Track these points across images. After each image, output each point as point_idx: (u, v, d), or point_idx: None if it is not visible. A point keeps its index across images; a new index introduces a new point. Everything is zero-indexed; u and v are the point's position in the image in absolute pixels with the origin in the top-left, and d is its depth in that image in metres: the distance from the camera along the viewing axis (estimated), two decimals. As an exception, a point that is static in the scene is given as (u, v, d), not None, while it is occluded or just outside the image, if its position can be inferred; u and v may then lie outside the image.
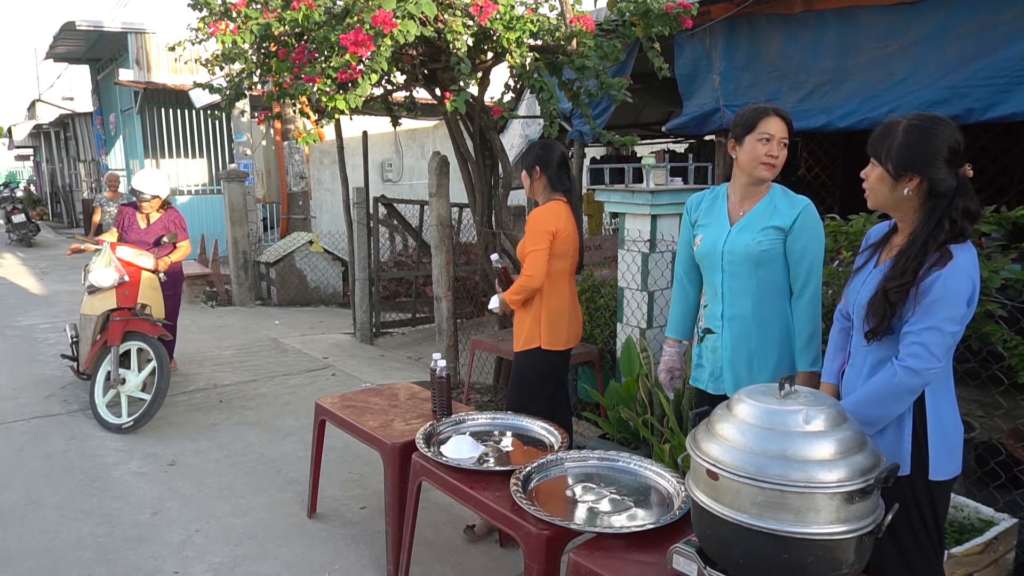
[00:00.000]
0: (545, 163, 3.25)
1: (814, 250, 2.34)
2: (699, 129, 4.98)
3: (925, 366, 1.73)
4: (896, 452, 1.82)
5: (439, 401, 2.90)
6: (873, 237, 2.00)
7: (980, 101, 3.54)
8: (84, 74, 17.39)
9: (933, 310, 1.72)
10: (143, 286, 4.86)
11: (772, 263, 2.36)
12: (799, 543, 1.45)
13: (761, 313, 2.39)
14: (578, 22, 4.07)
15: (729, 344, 2.45)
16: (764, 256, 2.34)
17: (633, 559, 1.82)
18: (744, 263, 2.37)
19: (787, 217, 2.33)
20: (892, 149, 1.77)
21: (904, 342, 1.75)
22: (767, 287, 2.38)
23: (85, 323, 4.78)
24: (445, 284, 5.51)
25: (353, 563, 3.03)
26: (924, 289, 1.72)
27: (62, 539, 3.23)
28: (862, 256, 1.98)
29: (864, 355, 1.90)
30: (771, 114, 2.31)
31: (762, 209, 2.38)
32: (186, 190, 13.37)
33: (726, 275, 2.43)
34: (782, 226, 2.33)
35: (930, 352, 1.72)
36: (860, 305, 1.86)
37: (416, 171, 13.51)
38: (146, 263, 4.95)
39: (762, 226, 2.35)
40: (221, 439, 4.42)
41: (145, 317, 4.72)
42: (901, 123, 1.79)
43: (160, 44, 12.56)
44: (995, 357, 2.97)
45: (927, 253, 1.73)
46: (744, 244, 2.36)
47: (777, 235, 2.34)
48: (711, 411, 1.69)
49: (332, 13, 3.94)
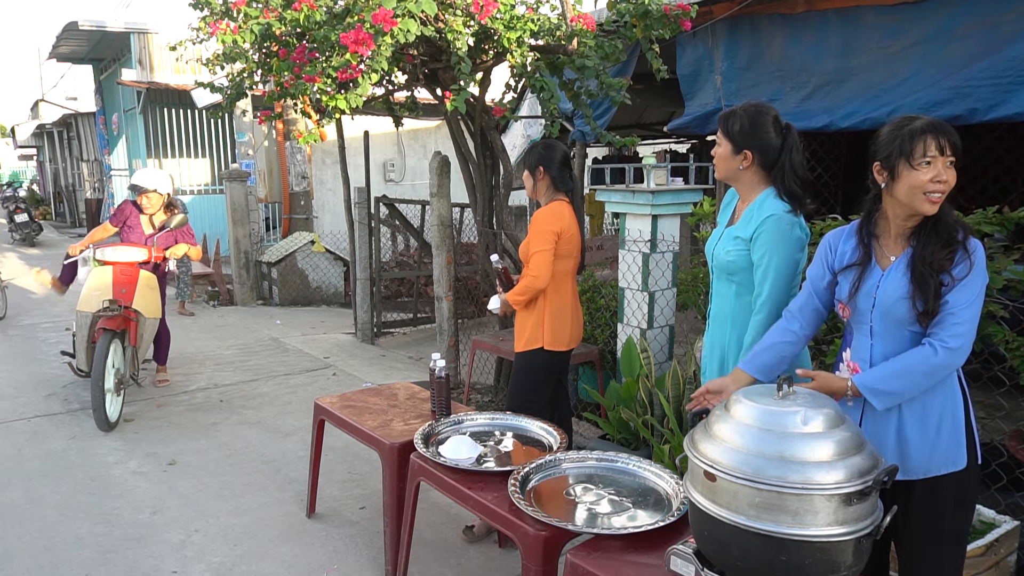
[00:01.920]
0: (548, 163, 3.24)
1: (768, 261, 2.20)
2: (701, 129, 4.97)
3: (964, 345, 1.78)
4: (958, 448, 1.85)
5: (438, 401, 2.89)
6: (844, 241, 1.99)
7: (983, 101, 3.52)
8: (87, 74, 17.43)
9: (968, 292, 1.77)
10: (140, 285, 4.75)
11: (742, 272, 2.31)
12: (797, 545, 1.44)
13: (736, 317, 2.36)
14: (579, 21, 4.06)
15: (707, 343, 2.48)
16: (732, 266, 2.31)
17: (631, 560, 1.81)
18: (720, 269, 2.39)
19: (751, 227, 2.25)
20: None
21: (944, 323, 1.77)
22: (743, 292, 2.34)
23: (81, 320, 4.69)
24: (446, 284, 5.51)
25: (352, 563, 3.02)
26: (959, 259, 1.77)
27: (61, 538, 3.22)
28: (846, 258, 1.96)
29: (868, 348, 1.91)
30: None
31: (744, 216, 2.33)
32: (188, 190, 13.39)
33: (714, 277, 2.46)
34: (745, 236, 2.27)
35: (968, 334, 1.77)
36: (890, 299, 1.84)
37: (418, 171, 13.51)
38: (138, 256, 4.81)
39: (734, 235, 2.32)
40: (221, 438, 4.42)
41: (114, 313, 4.57)
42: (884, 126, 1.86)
43: (162, 44, 12.57)
44: (997, 358, 2.96)
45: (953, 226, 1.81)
46: (720, 251, 2.36)
47: (743, 246, 2.28)
48: (710, 412, 1.68)
49: (333, 13, 3.93)
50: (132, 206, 5.23)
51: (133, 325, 4.69)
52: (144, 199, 5.12)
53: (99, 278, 4.71)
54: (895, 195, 1.82)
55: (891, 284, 1.85)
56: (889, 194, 1.84)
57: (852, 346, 1.97)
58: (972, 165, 6.42)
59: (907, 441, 1.86)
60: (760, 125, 2.26)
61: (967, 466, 1.86)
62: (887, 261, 1.89)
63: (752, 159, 2.27)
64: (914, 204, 1.79)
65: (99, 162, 17.32)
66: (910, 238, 1.86)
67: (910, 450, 1.86)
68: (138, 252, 4.86)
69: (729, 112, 2.32)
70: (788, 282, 2.24)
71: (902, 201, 1.81)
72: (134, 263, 4.82)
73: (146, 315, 4.79)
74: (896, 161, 1.78)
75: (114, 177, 15.60)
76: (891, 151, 1.79)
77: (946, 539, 1.89)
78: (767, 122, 2.27)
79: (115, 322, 4.53)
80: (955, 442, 1.85)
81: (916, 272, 1.80)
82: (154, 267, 5.01)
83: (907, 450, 1.86)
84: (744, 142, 2.27)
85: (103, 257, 4.81)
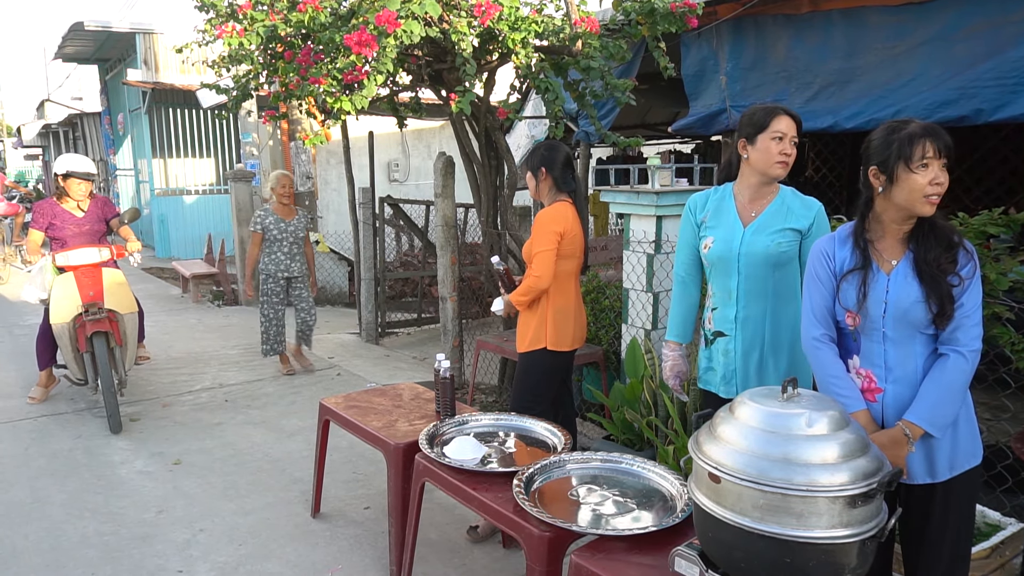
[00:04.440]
0: (550, 164, 3.25)
1: None
2: (705, 130, 4.96)
3: (980, 345, 1.83)
4: (975, 442, 1.90)
5: (443, 402, 2.90)
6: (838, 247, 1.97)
7: (989, 102, 3.51)
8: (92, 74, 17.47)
9: (974, 293, 1.80)
10: (107, 283, 4.62)
11: (789, 264, 2.37)
12: (801, 547, 1.44)
13: (775, 315, 2.39)
14: (583, 23, 4.06)
15: (741, 346, 2.44)
16: (783, 257, 2.36)
17: (635, 561, 1.81)
18: (762, 265, 2.37)
19: (804, 220, 2.36)
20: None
21: (962, 326, 1.80)
22: (782, 289, 2.39)
23: (60, 331, 4.55)
24: (450, 284, 5.51)
25: (356, 563, 3.03)
26: (961, 258, 1.81)
27: (67, 537, 3.24)
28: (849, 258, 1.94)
29: (881, 354, 1.90)
30: (781, 113, 2.33)
31: (775, 210, 2.38)
32: (193, 190, 13.42)
33: (742, 277, 2.41)
34: (800, 228, 2.36)
35: (981, 334, 1.83)
36: (904, 304, 1.84)
37: (423, 171, 13.52)
38: (103, 256, 4.65)
39: (778, 227, 2.36)
40: (226, 438, 4.43)
41: (98, 316, 4.49)
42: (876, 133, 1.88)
43: (168, 45, 12.59)
44: (1002, 360, 2.95)
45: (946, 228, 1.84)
46: (763, 246, 2.35)
47: (795, 237, 2.36)
48: (714, 413, 1.68)
49: (338, 14, 3.94)
50: (50, 203, 4.78)
51: (115, 325, 4.61)
52: (82, 185, 4.74)
53: (63, 286, 4.56)
54: (893, 199, 1.82)
55: (900, 288, 1.85)
56: (885, 198, 1.84)
57: (861, 354, 1.95)
58: (977, 166, 6.40)
59: (932, 443, 1.87)
60: None
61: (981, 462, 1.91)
62: (888, 265, 1.89)
63: None
64: (914, 207, 1.80)
65: (104, 162, 17.36)
66: (907, 241, 1.87)
67: (935, 452, 1.87)
68: (98, 252, 4.65)
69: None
70: None
71: (900, 204, 1.82)
72: (96, 264, 4.65)
73: (123, 312, 4.68)
74: (894, 165, 1.79)
75: (119, 177, 15.64)
76: (888, 155, 1.81)
77: (961, 539, 1.91)
78: None
79: (103, 323, 4.48)
80: (972, 436, 1.89)
81: (924, 275, 1.81)
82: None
83: (933, 453, 1.87)
84: None
85: (64, 263, 4.59)
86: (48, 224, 4.73)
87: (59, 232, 4.74)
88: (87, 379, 4.69)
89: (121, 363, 4.72)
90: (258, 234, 5.66)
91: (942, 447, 1.86)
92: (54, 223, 4.73)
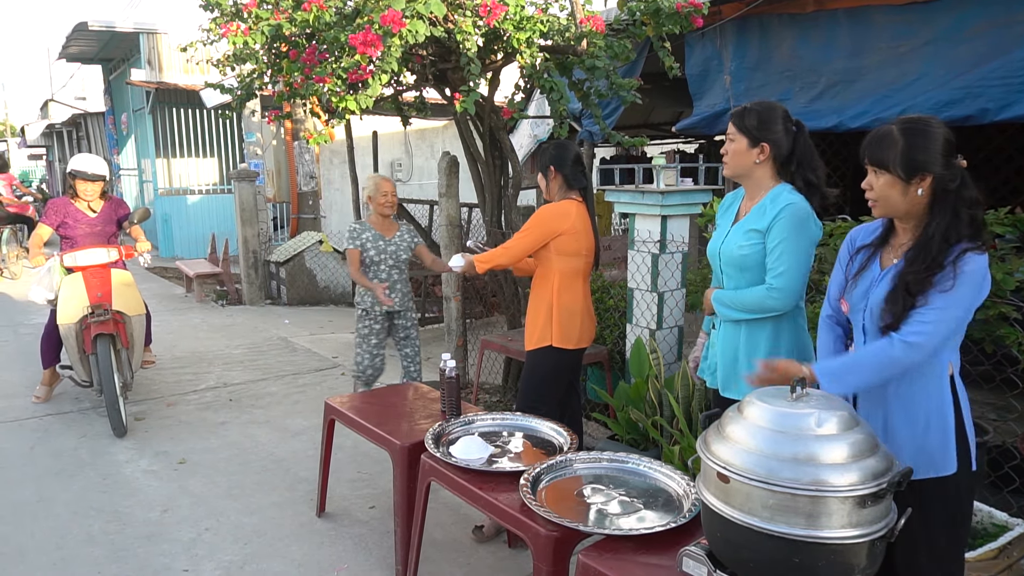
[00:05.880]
0: (560, 163, 3.25)
1: (786, 243, 2.24)
2: (709, 129, 4.96)
3: (924, 343, 1.76)
4: (946, 452, 1.83)
5: (448, 401, 2.90)
6: (863, 239, 2.00)
7: (994, 101, 3.51)
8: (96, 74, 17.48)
9: (946, 298, 1.75)
10: (116, 284, 4.59)
11: (755, 268, 2.32)
12: (810, 547, 1.44)
13: (749, 321, 2.37)
14: (588, 22, 4.06)
15: (720, 342, 2.47)
16: (745, 261, 2.32)
17: (642, 561, 1.81)
18: (733, 266, 2.38)
19: (767, 219, 2.29)
20: (899, 153, 1.78)
21: (909, 320, 1.78)
22: None
23: (66, 332, 4.51)
24: (454, 284, 5.51)
25: (361, 562, 3.03)
26: (940, 279, 1.75)
27: (73, 536, 3.25)
28: (857, 259, 1.98)
29: (862, 345, 1.93)
30: None
31: (756, 210, 2.35)
32: (197, 189, 13.44)
33: (724, 276, 2.44)
34: (760, 228, 2.29)
35: (931, 333, 1.76)
36: (876, 304, 1.86)
37: (426, 171, 13.53)
38: (111, 256, 4.63)
39: (748, 228, 2.33)
40: (231, 438, 4.44)
41: (104, 317, 4.46)
42: (894, 129, 1.81)
43: (172, 44, 12.61)
44: (1009, 360, 2.94)
45: (949, 245, 1.76)
46: (730, 247, 2.37)
47: (758, 238, 2.30)
48: (721, 413, 1.68)
49: (343, 14, 3.94)
50: (64, 201, 4.78)
51: (121, 327, 4.58)
52: (88, 186, 4.71)
53: (71, 286, 4.53)
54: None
55: (881, 288, 1.87)
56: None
57: (855, 342, 1.99)
58: (983, 165, 6.38)
59: (895, 433, 1.86)
60: (774, 119, 2.31)
61: (956, 473, 1.82)
62: (890, 263, 1.91)
63: (768, 152, 2.30)
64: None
65: (108, 162, 17.39)
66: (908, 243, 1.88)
67: (898, 444, 1.85)
68: (107, 252, 4.61)
69: (741, 109, 2.36)
70: (805, 266, 2.27)
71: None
72: (105, 264, 4.62)
73: (130, 314, 4.64)
74: None
75: (123, 177, 15.67)
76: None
77: (934, 554, 1.86)
78: (778, 117, 2.32)
79: (108, 326, 4.45)
80: (943, 446, 1.82)
81: (898, 286, 1.81)
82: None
83: (895, 444, 1.85)
84: (760, 135, 2.30)
85: (72, 263, 4.56)
86: (60, 222, 4.72)
87: (70, 231, 4.73)
88: (92, 381, 4.68)
89: (127, 365, 4.69)
90: (355, 251, 4.17)
91: (905, 441, 1.83)
92: (66, 221, 4.72)
